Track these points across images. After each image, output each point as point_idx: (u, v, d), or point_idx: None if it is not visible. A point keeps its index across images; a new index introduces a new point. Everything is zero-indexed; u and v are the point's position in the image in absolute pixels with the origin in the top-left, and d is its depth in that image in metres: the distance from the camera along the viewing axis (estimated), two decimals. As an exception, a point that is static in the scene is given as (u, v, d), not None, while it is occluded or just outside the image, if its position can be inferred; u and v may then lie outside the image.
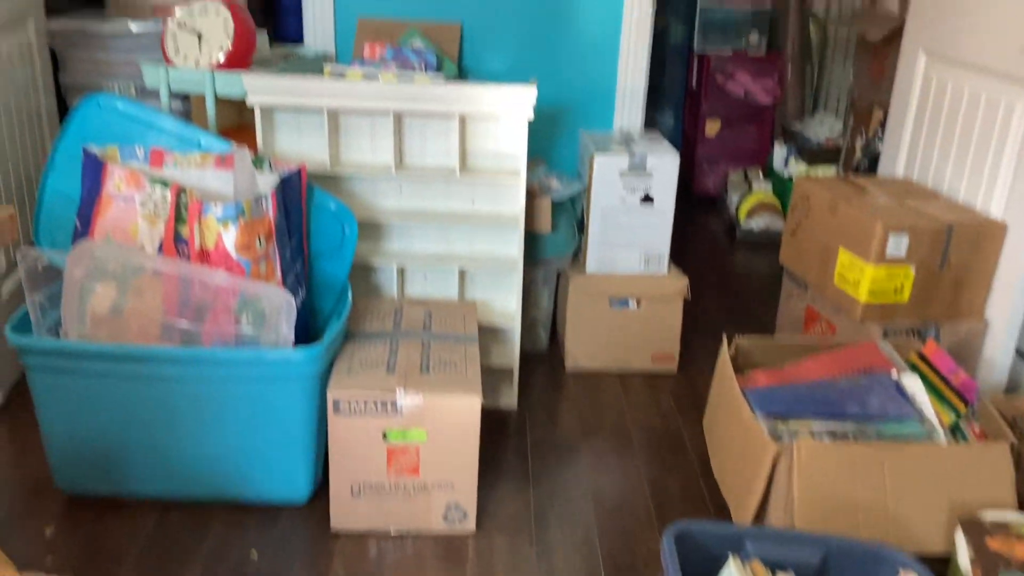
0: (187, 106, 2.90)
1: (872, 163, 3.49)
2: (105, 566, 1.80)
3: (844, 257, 2.35)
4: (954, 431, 1.92)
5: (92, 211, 1.89)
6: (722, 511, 2.03)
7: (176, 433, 1.90)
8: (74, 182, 2.00)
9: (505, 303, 2.45)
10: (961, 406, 1.94)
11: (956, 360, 2.04)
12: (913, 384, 1.97)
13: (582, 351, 2.66)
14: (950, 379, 1.99)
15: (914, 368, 2.06)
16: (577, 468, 2.20)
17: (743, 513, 1.88)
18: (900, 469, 1.77)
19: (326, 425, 1.89)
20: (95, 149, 1.93)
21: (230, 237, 1.81)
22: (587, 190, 2.56)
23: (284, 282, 1.94)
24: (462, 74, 2.83)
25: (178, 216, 1.85)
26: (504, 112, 2.21)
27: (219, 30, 2.26)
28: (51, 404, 1.89)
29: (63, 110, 2.92)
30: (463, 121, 2.26)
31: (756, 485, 1.83)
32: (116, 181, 1.87)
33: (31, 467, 2.09)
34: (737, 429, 1.97)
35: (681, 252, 3.65)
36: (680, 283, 2.60)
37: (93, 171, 1.89)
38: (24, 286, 1.87)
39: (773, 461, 1.80)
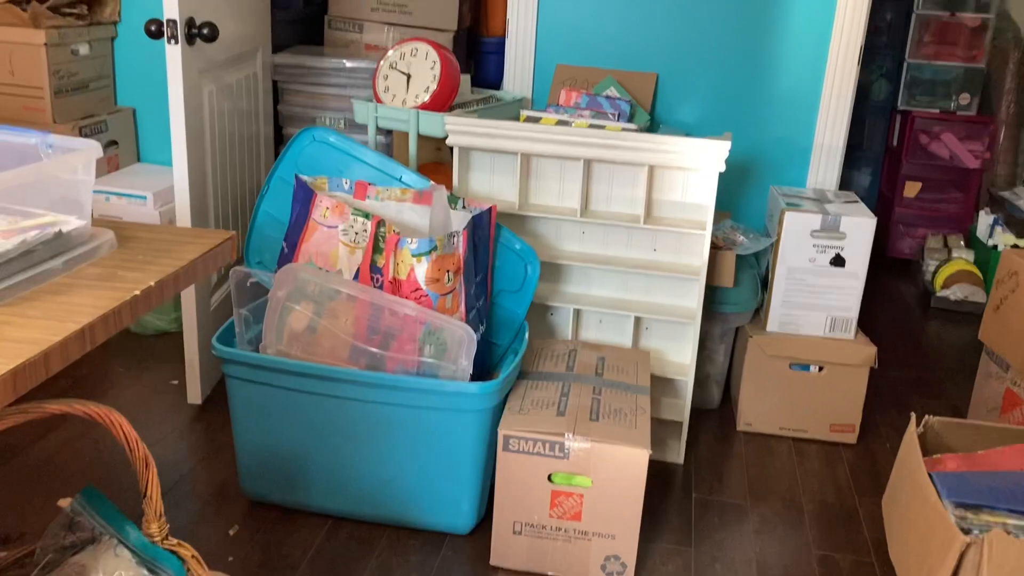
0: (388, 139, 3.06)
1: (1093, 239, 3.21)
2: (279, 570, 1.90)
3: (1055, 340, 2.18)
4: None
5: (299, 235, 2.02)
6: (897, 599, 1.91)
7: (353, 452, 1.99)
8: (284, 207, 2.15)
9: (679, 355, 2.42)
10: None
11: None
12: None
13: (756, 412, 2.58)
14: None
15: None
16: (742, 533, 2.13)
17: (921, 605, 1.76)
18: (1108, 581, 1.61)
19: (494, 460, 1.93)
20: (307, 178, 2.07)
21: (422, 270, 1.89)
22: (775, 247, 2.50)
23: (467, 317, 2.00)
24: (654, 123, 2.84)
25: (376, 246, 1.95)
26: (695, 164, 2.20)
27: (427, 72, 2.38)
28: (245, 412, 2.03)
29: (278, 138, 3.16)
30: (651, 170, 2.27)
31: (938, 577, 1.71)
32: (323, 209, 1.99)
33: (220, 468, 2.25)
34: (921, 514, 1.85)
35: (869, 316, 3.48)
36: (867, 351, 2.48)
37: (303, 198, 2.02)
38: (232, 300, 2.02)
39: (960, 554, 1.67)
